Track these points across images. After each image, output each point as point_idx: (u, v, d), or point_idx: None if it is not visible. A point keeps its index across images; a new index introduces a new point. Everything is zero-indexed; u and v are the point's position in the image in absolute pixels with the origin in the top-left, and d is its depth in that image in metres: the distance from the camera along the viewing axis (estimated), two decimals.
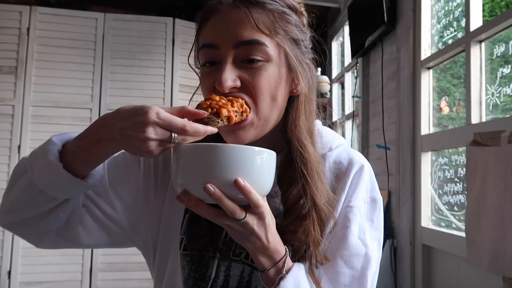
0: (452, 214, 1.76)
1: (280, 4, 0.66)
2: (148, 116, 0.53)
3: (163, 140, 0.54)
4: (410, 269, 1.95)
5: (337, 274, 0.68)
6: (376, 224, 0.73)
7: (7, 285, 2.65)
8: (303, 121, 0.68)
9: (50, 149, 0.59)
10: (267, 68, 0.64)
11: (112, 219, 0.72)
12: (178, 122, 0.54)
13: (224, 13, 0.64)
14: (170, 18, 3.06)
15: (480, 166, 1.40)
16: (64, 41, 2.90)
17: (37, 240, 0.70)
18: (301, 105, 0.68)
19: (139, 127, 0.53)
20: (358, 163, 0.74)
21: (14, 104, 2.77)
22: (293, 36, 0.67)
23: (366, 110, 2.65)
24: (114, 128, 0.55)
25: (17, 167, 0.65)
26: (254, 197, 0.53)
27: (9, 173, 2.71)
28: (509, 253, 1.25)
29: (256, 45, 0.63)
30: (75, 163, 0.59)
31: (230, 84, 0.62)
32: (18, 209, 0.63)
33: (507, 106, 1.48)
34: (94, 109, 2.89)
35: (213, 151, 0.53)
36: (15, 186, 0.63)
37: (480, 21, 1.60)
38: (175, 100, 2.99)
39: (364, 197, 0.73)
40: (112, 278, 2.80)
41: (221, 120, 0.58)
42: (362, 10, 2.57)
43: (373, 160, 2.52)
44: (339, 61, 3.54)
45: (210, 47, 0.65)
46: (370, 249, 0.70)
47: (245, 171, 0.53)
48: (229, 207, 0.53)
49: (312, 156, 0.66)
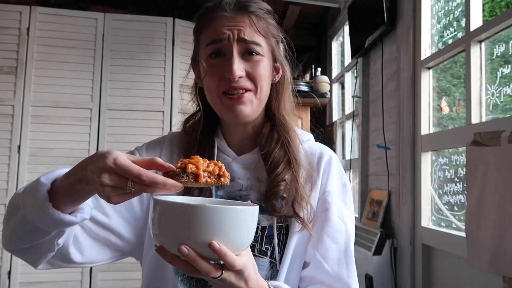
0: (452, 214, 1.76)
1: (263, 11, 0.81)
2: (105, 162, 0.55)
3: (118, 187, 0.55)
4: (410, 269, 1.95)
5: (325, 250, 0.80)
6: (349, 205, 0.86)
7: (7, 285, 2.65)
8: (287, 102, 0.85)
9: (40, 189, 0.62)
10: (263, 61, 0.79)
11: (104, 225, 0.77)
12: (134, 170, 0.54)
13: (229, 16, 0.78)
14: (170, 18, 3.06)
15: (480, 166, 1.40)
16: (64, 41, 2.89)
17: (34, 262, 0.73)
18: (286, 89, 0.85)
19: (97, 171, 0.55)
20: (327, 154, 0.88)
21: (14, 104, 2.77)
22: (275, 36, 0.84)
23: (366, 110, 2.65)
24: (87, 169, 0.58)
25: (12, 201, 0.69)
26: (230, 259, 0.54)
27: (9, 173, 2.71)
28: (509, 253, 1.25)
29: (255, 45, 0.78)
30: (63, 201, 0.62)
31: (239, 73, 0.75)
32: (17, 240, 0.68)
33: (507, 106, 1.48)
34: (94, 109, 2.89)
35: (189, 211, 0.51)
36: (11, 220, 0.68)
37: (480, 21, 1.60)
38: (175, 100, 2.99)
39: (337, 183, 0.86)
40: (112, 278, 2.80)
41: (186, 176, 0.56)
42: (362, 10, 2.57)
43: (373, 160, 2.52)
44: (339, 61, 3.54)
45: (218, 42, 0.77)
46: (349, 226, 0.83)
47: (221, 232, 0.52)
48: (204, 268, 0.53)
49: (291, 126, 0.84)
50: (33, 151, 2.76)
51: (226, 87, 0.76)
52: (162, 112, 2.98)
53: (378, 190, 2.39)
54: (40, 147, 2.76)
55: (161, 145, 0.87)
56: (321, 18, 3.81)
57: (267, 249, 0.79)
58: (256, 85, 0.78)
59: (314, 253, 0.80)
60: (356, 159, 2.79)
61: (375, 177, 2.49)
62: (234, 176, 0.83)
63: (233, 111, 0.77)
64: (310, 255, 0.81)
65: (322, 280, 0.79)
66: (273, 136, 0.83)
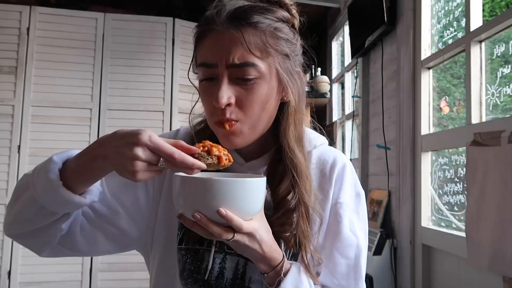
0: (452, 214, 1.76)
1: (272, 20, 0.70)
2: (140, 137, 0.56)
3: (150, 162, 0.57)
4: (410, 269, 1.95)
5: (334, 265, 0.77)
6: (362, 216, 0.81)
7: (7, 285, 2.65)
8: (292, 130, 0.75)
9: (51, 168, 0.62)
10: (260, 84, 0.69)
11: (111, 221, 0.76)
12: (167, 148, 0.57)
13: (219, 33, 0.68)
14: (170, 18, 3.06)
15: (480, 166, 1.40)
16: (64, 41, 2.90)
17: (39, 249, 0.73)
18: (291, 116, 0.75)
19: (129, 146, 0.56)
20: (341, 161, 0.82)
21: (14, 104, 2.77)
22: (283, 51, 0.72)
23: (366, 110, 2.65)
24: (109, 146, 0.59)
25: (20, 182, 0.69)
26: (237, 223, 0.59)
27: (9, 173, 2.71)
28: (509, 253, 1.25)
29: (248, 66, 0.67)
30: (74, 180, 0.63)
31: (225, 101, 0.67)
32: (22, 222, 0.67)
33: (507, 106, 1.48)
34: (94, 109, 2.89)
35: (200, 184, 0.60)
36: (18, 201, 0.67)
37: (480, 21, 1.60)
38: (175, 100, 2.99)
39: (350, 193, 0.81)
40: (112, 278, 2.80)
41: (211, 158, 0.62)
42: (362, 10, 2.57)
43: (373, 160, 2.52)
44: (339, 61, 3.54)
45: (208, 66, 0.70)
46: (360, 239, 0.79)
47: (228, 201, 0.59)
48: (216, 231, 0.60)
49: (301, 161, 0.74)
50: (33, 151, 2.76)
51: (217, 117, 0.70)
52: (162, 112, 2.98)
53: (378, 190, 2.40)
54: (40, 147, 2.76)
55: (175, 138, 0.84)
56: (321, 18, 3.82)
57: None
58: (246, 113, 0.70)
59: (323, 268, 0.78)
60: (356, 159, 2.80)
61: (375, 177, 2.49)
62: None
63: (226, 142, 0.72)
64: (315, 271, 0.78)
65: None
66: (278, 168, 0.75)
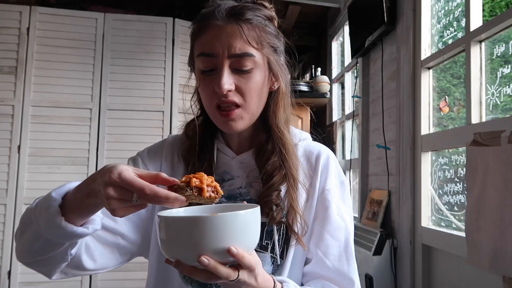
0: (452, 214, 1.76)
1: (261, 18, 0.80)
2: (110, 176, 0.57)
3: (124, 199, 0.57)
4: (410, 269, 1.95)
5: (326, 247, 0.83)
6: (347, 202, 0.89)
7: (7, 285, 2.65)
8: (282, 113, 0.85)
9: (51, 204, 0.64)
10: (256, 73, 0.78)
11: (112, 230, 0.80)
12: (137, 184, 0.56)
13: (219, 27, 0.76)
14: (170, 18, 3.06)
15: (480, 166, 1.40)
16: (64, 41, 2.90)
17: (49, 273, 0.77)
18: (280, 101, 0.85)
19: (103, 185, 0.57)
20: (325, 153, 0.90)
21: (14, 104, 2.77)
22: (272, 45, 0.82)
23: (366, 110, 2.65)
24: (96, 183, 0.60)
25: (24, 216, 0.71)
26: (247, 261, 0.57)
27: (9, 173, 2.71)
28: (509, 253, 1.25)
29: (247, 56, 0.76)
30: (74, 214, 0.65)
31: (228, 87, 0.75)
32: (32, 253, 0.70)
33: (507, 106, 1.48)
34: (94, 109, 2.89)
35: (201, 223, 0.53)
36: (24, 235, 0.70)
37: (480, 21, 1.60)
38: (175, 100, 2.99)
39: (335, 181, 0.88)
40: (112, 278, 2.80)
41: (190, 190, 0.58)
42: (362, 10, 2.57)
43: (373, 160, 2.52)
44: (339, 61, 3.54)
45: (208, 56, 0.76)
46: (348, 223, 0.86)
47: (235, 237, 0.55)
48: (224, 273, 0.56)
49: (288, 140, 0.84)
50: (33, 151, 2.76)
51: (218, 100, 0.77)
52: (162, 112, 2.98)
53: (378, 190, 2.39)
54: (40, 147, 2.76)
55: (162, 150, 0.90)
56: (321, 18, 3.82)
57: (268, 244, 0.81)
58: (245, 99, 0.78)
59: (315, 250, 0.83)
60: (356, 159, 2.79)
61: (375, 177, 2.49)
62: (233, 174, 0.86)
63: (226, 126, 0.80)
64: (311, 252, 0.84)
65: (324, 275, 0.83)
66: (266, 147, 0.84)
